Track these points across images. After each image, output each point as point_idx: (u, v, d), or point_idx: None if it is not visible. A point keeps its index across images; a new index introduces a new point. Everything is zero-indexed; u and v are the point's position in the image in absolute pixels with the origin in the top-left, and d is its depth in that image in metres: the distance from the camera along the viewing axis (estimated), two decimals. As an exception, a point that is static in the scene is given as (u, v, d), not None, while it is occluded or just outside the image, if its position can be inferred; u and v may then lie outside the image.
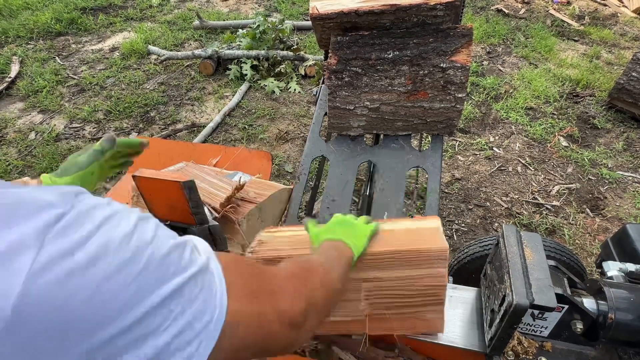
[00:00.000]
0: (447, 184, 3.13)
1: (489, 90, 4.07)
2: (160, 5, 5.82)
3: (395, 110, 1.61)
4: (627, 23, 5.41)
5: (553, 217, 2.86)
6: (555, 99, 3.96)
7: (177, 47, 4.89)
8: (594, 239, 2.72)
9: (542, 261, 1.10)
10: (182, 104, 4.00)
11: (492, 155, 3.39)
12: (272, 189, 1.48)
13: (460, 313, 1.22)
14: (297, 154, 3.38)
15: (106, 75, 4.36)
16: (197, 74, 4.35)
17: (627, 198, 3.02)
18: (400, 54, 1.52)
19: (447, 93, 1.54)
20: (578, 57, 4.66)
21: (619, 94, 3.68)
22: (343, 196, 1.60)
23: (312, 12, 1.54)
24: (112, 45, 4.91)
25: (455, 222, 2.85)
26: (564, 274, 1.21)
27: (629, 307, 1.08)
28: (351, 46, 1.55)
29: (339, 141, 1.74)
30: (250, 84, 4.20)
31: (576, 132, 3.59)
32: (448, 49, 1.50)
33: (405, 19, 1.51)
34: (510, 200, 3.01)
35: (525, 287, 1.01)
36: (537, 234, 1.18)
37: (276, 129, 3.66)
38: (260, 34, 4.34)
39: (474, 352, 1.14)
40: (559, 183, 3.15)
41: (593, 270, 2.43)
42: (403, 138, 1.71)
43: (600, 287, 1.14)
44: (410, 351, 1.25)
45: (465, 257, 1.77)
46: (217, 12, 5.63)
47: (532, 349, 1.12)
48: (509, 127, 3.68)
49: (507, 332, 1.04)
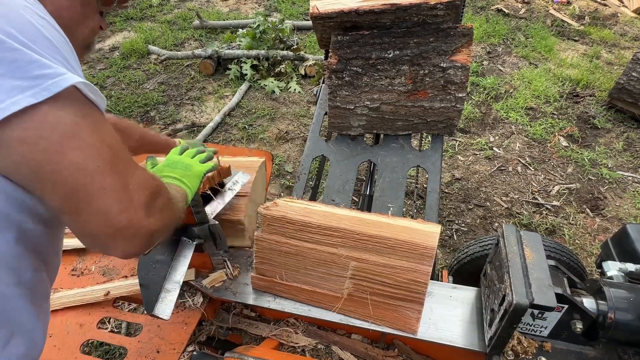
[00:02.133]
0: (447, 184, 3.13)
1: (489, 90, 4.07)
2: (160, 5, 5.81)
3: (395, 110, 1.61)
4: (627, 23, 5.41)
5: (553, 217, 2.86)
6: (555, 99, 3.96)
7: (177, 47, 4.89)
8: (594, 239, 2.72)
9: (542, 261, 1.10)
10: (182, 103, 4.00)
11: (492, 155, 3.39)
12: (253, 171, 1.45)
13: (460, 313, 1.22)
14: (297, 153, 3.38)
15: (106, 75, 4.36)
16: (197, 73, 4.35)
17: (627, 198, 3.02)
18: (401, 53, 1.52)
19: (447, 93, 1.54)
20: (578, 57, 4.66)
21: (619, 94, 3.68)
22: (343, 196, 1.60)
23: (312, 11, 1.54)
24: (112, 45, 4.91)
25: (455, 222, 2.84)
26: (564, 273, 1.21)
27: (629, 307, 1.08)
28: (351, 46, 1.55)
29: (339, 141, 1.74)
30: (250, 84, 4.20)
31: (576, 132, 3.59)
32: (448, 49, 1.50)
33: (406, 18, 1.51)
34: (510, 200, 3.01)
35: (525, 287, 1.01)
36: (537, 234, 1.18)
37: (276, 128, 3.65)
38: (260, 33, 4.34)
39: (473, 351, 1.14)
40: (559, 183, 3.15)
41: (593, 270, 2.43)
42: (403, 138, 1.71)
43: (600, 287, 1.14)
44: (410, 351, 1.25)
45: (465, 257, 1.77)
46: (217, 11, 5.62)
47: (531, 349, 1.11)
48: (509, 127, 3.68)
49: (507, 332, 1.04)
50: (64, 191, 0.60)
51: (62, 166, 0.58)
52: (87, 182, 0.60)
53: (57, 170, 0.58)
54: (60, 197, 0.60)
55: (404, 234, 1.11)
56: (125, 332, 2.14)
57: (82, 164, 0.59)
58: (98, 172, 0.60)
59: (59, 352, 1.16)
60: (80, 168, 0.59)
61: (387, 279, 1.12)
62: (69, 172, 0.58)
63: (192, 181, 0.99)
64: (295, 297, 1.24)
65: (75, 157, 0.58)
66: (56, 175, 0.58)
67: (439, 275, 1.67)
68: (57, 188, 0.59)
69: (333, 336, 1.27)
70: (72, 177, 0.59)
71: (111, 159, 0.62)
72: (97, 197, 0.61)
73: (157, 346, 1.16)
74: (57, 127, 0.57)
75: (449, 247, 2.67)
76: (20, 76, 0.55)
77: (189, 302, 1.27)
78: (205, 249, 1.22)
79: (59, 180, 0.59)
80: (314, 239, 1.16)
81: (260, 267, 1.25)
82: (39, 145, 0.56)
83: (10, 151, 0.57)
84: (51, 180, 0.59)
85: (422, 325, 1.16)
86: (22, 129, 0.55)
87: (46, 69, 0.57)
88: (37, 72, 0.56)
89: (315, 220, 1.16)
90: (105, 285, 1.31)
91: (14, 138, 0.56)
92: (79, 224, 0.64)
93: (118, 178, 0.63)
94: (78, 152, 0.59)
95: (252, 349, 1.16)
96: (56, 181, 0.59)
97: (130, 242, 0.66)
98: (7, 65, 0.55)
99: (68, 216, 0.63)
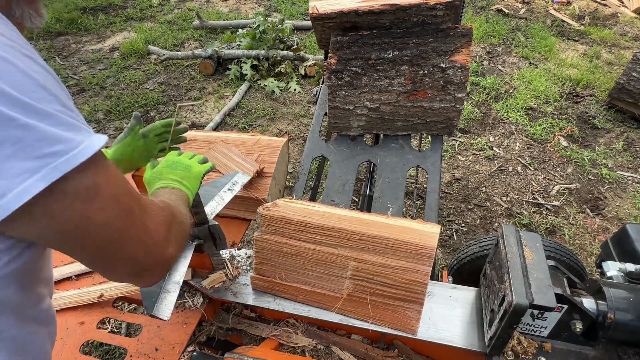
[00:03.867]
0: (447, 184, 3.13)
1: (489, 90, 4.07)
2: (160, 5, 5.82)
3: (395, 110, 1.61)
4: (627, 23, 5.41)
5: (553, 217, 2.86)
6: (555, 99, 3.96)
7: (177, 47, 4.89)
8: (594, 239, 2.72)
9: (542, 261, 1.10)
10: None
11: (492, 155, 3.38)
12: (275, 152, 1.60)
13: (460, 313, 1.22)
14: (297, 154, 3.38)
15: (106, 75, 4.36)
16: (197, 73, 4.35)
17: (627, 198, 3.02)
18: (400, 53, 1.52)
19: (447, 93, 1.54)
20: (578, 57, 4.66)
21: (619, 94, 3.68)
22: (343, 196, 1.60)
23: (312, 11, 1.54)
24: (112, 45, 4.91)
25: (455, 222, 2.84)
26: (564, 274, 1.21)
27: (629, 307, 1.08)
28: (351, 46, 1.55)
29: (339, 141, 1.74)
30: (250, 84, 4.20)
31: (576, 132, 3.59)
32: (448, 49, 1.50)
33: (405, 18, 1.51)
34: (510, 200, 3.01)
35: (524, 287, 1.01)
36: (537, 234, 1.18)
37: (276, 128, 3.66)
38: (260, 34, 4.34)
39: (473, 352, 1.14)
40: (559, 183, 3.15)
41: (593, 270, 2.43)
42: (403, 138, 1.71)
43: (600, 287, 1.14)
44: (410, 351, 1.25)
45: (465, 257, 1.77)
46: (217, 12, 5.62)
47: (531, 349, 1.11)
48: (509, 127, 3.67)
49: (506, 332, 1.04)
50: (93, 249, 0.61)
51: (89, 230, 0.58)
52: (114, 237, 0.61)
53: (84, 235, 0.58)
54: (89, 255, 0.62)
55: (404, 234, 1.11)
56: (125, 332, 2.14)
57: (108, 222, 0.59)
58: (123, 226, 0.61)
59: (59, 352, 1.16)
60: (107, 227, 0.59)
61: (386, 279, 1.12)
62: (96, 233, 0.59)
63: (193, 182, 0.99)
64: (295, 297, 1.24)
65: (100, 219, 0.58)
66: (84, 239, 0.59)
67: (439, 275, 1.67)
68: (85, 248, 0.60)
69: (333, 336, 1.27)
70: (100, 237, 0.59)
71: (130, 207, 0.63)
72: (124, 248, 0.63)
73: (156, 346, 1.16)
74: (79, 195, 0.55)
75: (449, 247, 2.67)
76: (29, 156, 0.50)
77: (189, 303, 1.27)
78: (205, 250, 1.22)
79: (87, 242, 0.59)
80: (313, 240, 1.16)
81: (260, 268, 1.25)
82: (63, 216, 0.55)
83: (33, 224, 0.55)
84: (79, 243, 0.59)
85: (422, 326, 1.16)
86: (42, 205, 0.53)
87: (57, 144, 0.52)
88: (48, 150, 0.51)
89: (315, 220, 1.16)
90: (100, 287, 1.32)
91: (35, 213, 0.53)
92: (107, 271, 0.67)
93: (139, 224, 0.64)
94: (102, 213, 0.58)
95: (252, 350, 1.16)
96: (84, 244, 0.59)
97: (156, 274, 0.72)
98: (13, 145, 0.50)
99: (95, 266, 0.65)
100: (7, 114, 0.49)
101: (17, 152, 0.50)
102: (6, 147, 0.49)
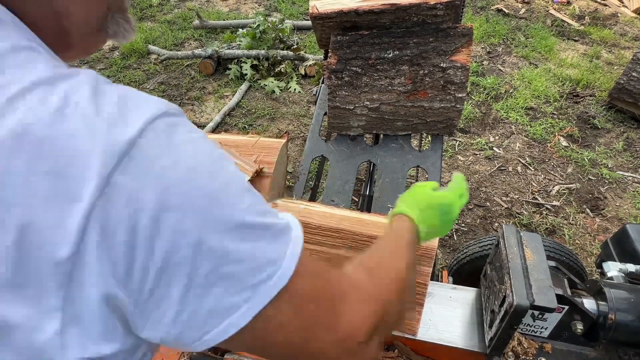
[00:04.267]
0: (447, 184, 3.13)
1: (489, 90, 4.07)
2: (160, 4, 5.81)
3: (395, 110, 1.61)
4: (627, 23, 5.41)
5: (553, 217, 2.86)
6: (555, 99, 3.96)
7: (177, 47, 4.89)
8: (594, 239, 2.72)
9: (543, 262, 1.10)
10: (182, 103, 4.00)
11: (492, 155, 3.38)
12: (274, 153, 1.55)
13: (460, 313, 1.22)
14: (297, 154, 3.37)
15: (106, 75, 4.36)
16: (197, 73, 4.35)
17: (627, 198, 3.02)
18: (400, 53, 1.52)
19: (447, 93, 1.54)
20: (578, 57, 4.66)
21: (619, 94, 3.68)
22: (343, 196, 1.60)
23: (311, 11, 1.53)
24: (112, 45, 4.91)
25: (455, 222, 2.84)
26: (564, 274, 1.21)
27: (629, 307, 1.08)
28: (351, 46, 1.54)
29: (338, 141, 1.74)
30: (250, 84, 4.19)
31: (576, 132, 3.59)
32: (448, 49, 1.50)
33: (405, 18, 1.51)
34: (510, 200, 3.00)
35: (525, 288, 1.01)
36: (537, 234, 1.18)
37: (276, 128, 3.65)
38: (260, 33, 4.34)
39: (474, 352, 1.14)
40: (559, 183, 3.15)
41: (593, 271, 2.43)
42: (403, 138, 1.70)
43: (601, 287, 1.13)
44: (411, 352, 1.25)
45: (464, 258, 1.77)
46: (217, 11, 5.62)
47: (532, 350, 1.11)
48: (509, 127, 3.67)
49: (507, 333, 1.03)
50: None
51: (272, 351, 0.50)
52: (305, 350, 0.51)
53: (296, 355, 0.51)
54: None
55: None
56: (125, 332, 2.13)
57: (322, 351, 0.50)
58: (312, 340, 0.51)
59: (58, 353, 1.15)
60: (319, 354, 0.51)
61: None
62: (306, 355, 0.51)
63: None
64: None
65: (314, 348, 0.50)
66: (270, 350, 0.50)
67: (439, 275, 1.67)
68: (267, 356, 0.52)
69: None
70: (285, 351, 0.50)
71: (325, 318, 0.51)
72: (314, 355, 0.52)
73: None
74: (275, 318, 0.46)
75: (449, 247, 2.67)
76: (237, 291, 0.43)
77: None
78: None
79: (272, 352, 0.51)
80: (313, 240, 1.16)
81: (259, 268, 1.24)
82: (274, 339, 0.47)
83: (241, 344, 0.47)
84: (264, 354, 0.52)
85: (422, 326, 1.16)
86: (249, 331, 0.45)
87: (262, 271, 0.44)
88: (255, 280, 0.43)
89: (315, 220, 1.15)
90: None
91: (240, 340, 0.45)
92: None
93: (333, 329, 0.52)
94: (314, 344, 0.49)
95: (252, 350, 1.16)
96: (269, 354, 0.51)
97: None
98: (224, 281, 0.42)
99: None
100: (224, 248, 0.41)
101: (226, 290, 0.42)
102: (218, 286, 0.42)
